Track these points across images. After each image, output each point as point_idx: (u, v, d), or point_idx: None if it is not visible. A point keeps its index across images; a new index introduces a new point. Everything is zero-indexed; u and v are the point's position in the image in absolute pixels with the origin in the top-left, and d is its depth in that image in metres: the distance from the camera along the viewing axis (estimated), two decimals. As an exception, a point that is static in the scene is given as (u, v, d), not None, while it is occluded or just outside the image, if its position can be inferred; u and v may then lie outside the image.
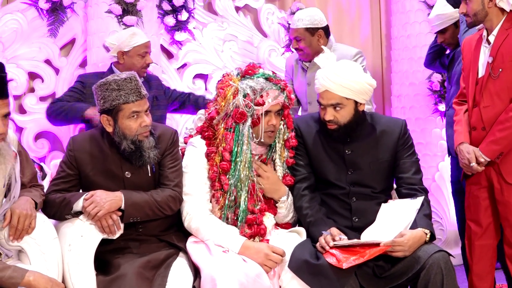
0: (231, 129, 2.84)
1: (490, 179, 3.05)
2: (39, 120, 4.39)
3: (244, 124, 2.82)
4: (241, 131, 2.82)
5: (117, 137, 2.75)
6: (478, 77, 3.05)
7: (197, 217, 2.80)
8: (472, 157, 2.99)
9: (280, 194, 2.92)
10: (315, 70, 3.61)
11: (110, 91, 2.70)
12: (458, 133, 3.12)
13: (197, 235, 2.80)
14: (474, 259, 3.14)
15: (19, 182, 2.63)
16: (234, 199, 2.81)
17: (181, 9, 4.62)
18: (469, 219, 3.16)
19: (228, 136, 2.83)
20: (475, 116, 3.06)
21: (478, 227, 3.11)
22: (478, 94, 3.04)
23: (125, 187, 2.79)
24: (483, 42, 3.08)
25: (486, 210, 3.09)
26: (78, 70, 4.50)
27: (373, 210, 2.87)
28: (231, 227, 2.78)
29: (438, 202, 4.95)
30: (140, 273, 2.58)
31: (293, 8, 5.04)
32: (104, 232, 2.68)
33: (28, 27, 4.36)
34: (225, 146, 2.82)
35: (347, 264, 2.54)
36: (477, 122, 3.05)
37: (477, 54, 3.08)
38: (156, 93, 3.93)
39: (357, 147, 2.93)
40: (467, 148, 3.03)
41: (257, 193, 2.85)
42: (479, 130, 3.04)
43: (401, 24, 5.05)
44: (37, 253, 2.57)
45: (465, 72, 3.16)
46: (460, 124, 3.13)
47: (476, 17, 3.02)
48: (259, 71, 2.90)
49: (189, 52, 4.79)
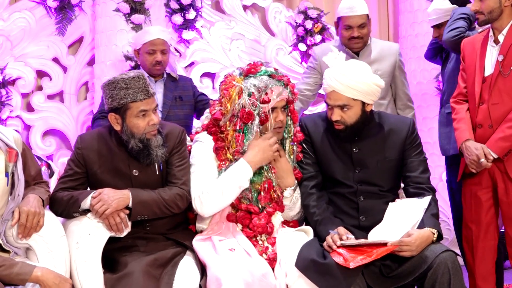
0: (240, 130, 2.84)
1: (494, 179, 3.05)
2: (47, 118, 4.41)
3: (253, 123, 2.82)
4: (251, 131, 2.82)
5: (125, 135, 2.75)
6: (484, 75, 3.05)
7: (205, 188, 2.79)
8: (481, 153, 2.97)
9: (287, 183, 2.91)
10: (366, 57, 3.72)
11: (118, 90, 2.71)
12: (461, 131, 3.11)
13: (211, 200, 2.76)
14: (476, 260, 3.12)
15: (23, 180, 2.63)
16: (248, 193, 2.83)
17: (189, 7, 4.63)
18: (469, 221, 3.15)
19: (239, 138, 2.83)
20: (482, 114, 3.05)
21: (480, 228, 3.10)
22: (486, 92, 3.03)
23: (133, 185, 2.80)
24: (489, 42, 3.08)
25: (488, 210, 3.08)
26: (86, 69, 4.53)
27: (380, 209, 2.86)
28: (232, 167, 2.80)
29: (445, 201, 4.92)
30: (147, 271, 2.59)
31: (300, 7, 5.04)
32: (111, 230, 2.69)
33: (36, 26, 4.38)
34: (236, 149, 2.83)
35: (354, 264, 2.53)
36: (484, 120, 3.04)
37: (483, 53, 3.08)
38: (181, 94, 3.89)
39: (364, 145, 2.92)
40: (474, 145, 3.02)
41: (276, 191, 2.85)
42: (486, 128, 3.04)
43: (409, 23, 5.04)
44: (45, 251, 2.57)
45: (467, 71, 3.15)
46: (463, 121, 3.12)
47: (491, 15, 3.01)
48: (261, 68, 2.89)
49: (196, 51, 4.80)
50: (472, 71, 3.11)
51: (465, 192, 3.19)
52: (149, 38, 3.79)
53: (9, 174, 2.56)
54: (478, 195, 3.09)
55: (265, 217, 2.81)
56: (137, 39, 3.87)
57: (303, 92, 3.83)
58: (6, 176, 2.56)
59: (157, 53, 3.77)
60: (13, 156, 2.58)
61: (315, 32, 5.01)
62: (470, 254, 3.14)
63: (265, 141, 2.80)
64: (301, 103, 3.85)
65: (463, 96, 3.18)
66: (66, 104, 4.49)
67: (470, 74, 3.12)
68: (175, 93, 3.87)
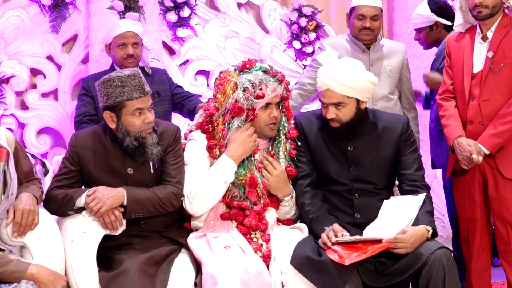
0: (229, 124, 2.85)
1: (484, 175, 3.06)
2: (41, 116, 4.39)
3: (239, 118, 2.82)
4: (232, 125, 2.83)
5: (120, 133, 2.75)
6: (474, 72, 3.07)
7: (192, 187, 2.81)
8: (473, 149, 2.99)
9: (285, 193, 2.92)
10: (376, 51, 3.77)
11: (113, 88, 2.70)
12: (452, 127, 3.12)
13: (199, 199, 2.79)
14: (473, 257, 3.15)
15: (16, 179, 2.62)
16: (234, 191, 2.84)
17: (183, 5, 4.62)
18: (465, 218, 3.17)
19: (225, 132, 2.84)
20: (472, 110, 3.07)
21: (475, 225, 3.12)
22: (475, 88, 3.05)
23: (128, 184, 2.79)
24: (477, 39, 3.10)
25: (480, 206, 3.10)
26: (80, 66, 4.50)
27: (375, 207, 2.87)
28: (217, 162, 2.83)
29: (440, 199, 4.93)
30: (143, 269, 2.59)
31: (295, 5, 5.04)
32: (106, 228, 2.69)
33: (30, 23, 4.36)
34: (222, 143, 2.84)
35: (349, 261, 2.54)
36: (475, 116, 3.06)
37: (470, 50, 3.10)
38: (158, 89, 3.85)
39: (359, 143, 2.93)
40: (467, 141, 3.04)
41: (259, 186, 2.85)
42: (476, 124, 3.06)
43: (403, 21, 5.04)
44: (39, 249, 2.57)
45: (454, 68, 3.17)
46: (452, 118, 3.13)
47: (494, 9, 3.04)
48: (256, 64, 2.91)
49: (191, 49, 4.79)
50: (460, 68, 3.13)
51: (457, 189, 3.21)
52: (119, 31, 3.72)
53: (0, 173, 2.56)
54: (470, 192, 3.11)
55: (255, 217, 2.81)
56: (107, 34, 3.80)
57: (305, 86, 3.83)
58: None
59: (128, 46, 3.71)
60: (3, 155, 2.57)
61: (310, 30, 5.01)
62: (467, 250, 3.16)
63: (243, 133, 2.82)
64: (302, 98, 3.85)
65: (450, 93, 3.20)
66: (60, 102, 4.48)
67: (458, 71, 3.14)
68: (151, 88, 3.82)
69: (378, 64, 3.80)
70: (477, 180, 3.10)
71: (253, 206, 2.83)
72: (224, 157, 2.82)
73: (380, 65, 3.80)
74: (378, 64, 3.80)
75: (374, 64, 3.78)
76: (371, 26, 3.73)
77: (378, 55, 3.80)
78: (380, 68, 3.78)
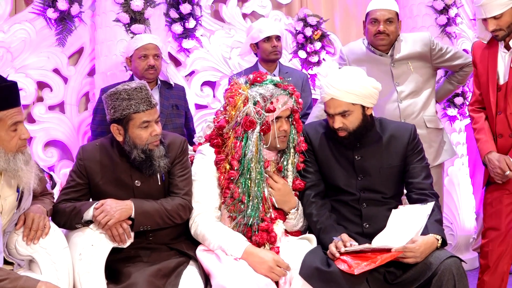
0: (240, 137, 2.84)
1: None
2: (48, 129, 4.41)
3: (253, 131, 2.82)
4: (250, 138, 2.82)
5: (127, 146, 2.75)
6: (499, 83, 3.04)
7: (203, 223, 2.80)
8: (504, 166, 2.99)
9: (291, 205, 2.91)
10: (396, 50, 3.73)
11: (120, 101, 2.71)
12: (483, 142, 3.10)
13: (203, 242, 2.79)
14: (491, 264, 3.13)
15: (31, 195, 2.63)
16: (244, 207, 2.81)
17: (189, 16, 4.63)
18: (489, 228, 3.15)
19: (237, 145, 2.83)
20: (500, 124, 3.05)
21: (499, 233, 3.10)
22: (502, 101, 3.03)
23: (135, 196, 2.80)
24: (500, 48, 3.07)
25: (507, 215, 3.09)
26: (86, 79, 4.52)
27: (383, 216, 2.86)
28: (236, 233, 2.76)
29: (448, 207, 4.93)
30: (151, 281, 2.58)
31: (300, 14, 5.06)
32: (114, 241, 2.69)
33: (36, 37, 4.38)
34: (233, 155, 2.83)
35: (359, 270, 2.53)
36: (504, 130, 3.04)
37: (494, 60, 3.08)
38: (177, 102, 3.95)
39: (366, 152, 2.92)
40: (496, 157, 3.03)
41: (267, 200, 2.84)
42: (506, 137, 3.04)
43: (408, 29, 5.04)
44: (48, 262, 2.57)
45: (481, 79, 3.14)
46: (483, 132, 3.11)
47: (510, 29, 3.03)
48: (267, 77, 2.91)
49: (196, 60, 4.80)
50: (485, 79, 3.10)
51: (487, 199, 3.19)
52: (141, 44, 3.83)
53: (20, 190, 2.56)
54: (500, 201, 3.10)
55: (262, 236, 2.78)
56: (129, 46, 3.90)
57: None
58: (18, 191, 2.56)
59: (150, 58, 3.81)
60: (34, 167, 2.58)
61: (315, 39, 5.02)
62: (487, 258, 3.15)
63: (274, 264, 2.63)
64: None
65: (480, 104, 3.17)
66: (67, 114, 4.49)
67: (484, 82, 3.12)
68: (171, 101, 3.88)
69: (400, 64, 3.75)
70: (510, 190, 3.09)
71: (260, 222, 2.81)
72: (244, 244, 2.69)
73: (401, 64, 3.75)
74: (399, 63, 3.75)
75: (396, 64, 3.74)
76: (385, 30, 3.69)
77: (399, 54, 3.75)
78: (402, 67, 3.75)
